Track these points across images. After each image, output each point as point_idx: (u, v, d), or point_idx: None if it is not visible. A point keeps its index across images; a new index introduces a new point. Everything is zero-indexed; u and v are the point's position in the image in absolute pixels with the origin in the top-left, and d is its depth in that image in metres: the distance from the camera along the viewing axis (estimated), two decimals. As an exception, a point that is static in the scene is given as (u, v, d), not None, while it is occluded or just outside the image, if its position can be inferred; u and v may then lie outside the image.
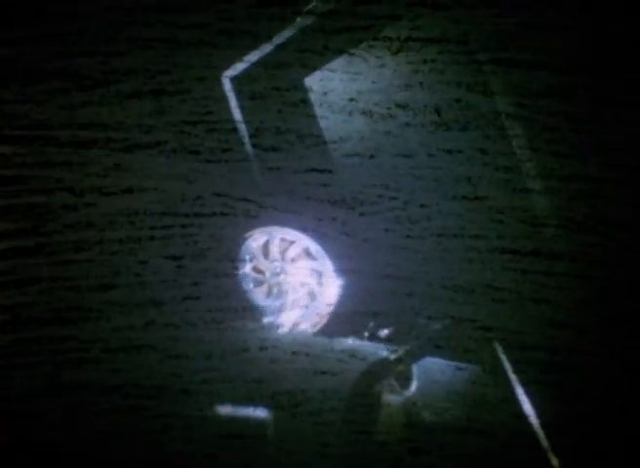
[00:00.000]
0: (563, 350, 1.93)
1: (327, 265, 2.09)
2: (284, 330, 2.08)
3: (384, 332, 2.07)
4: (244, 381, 1.93)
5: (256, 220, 2.10)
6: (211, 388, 1.96)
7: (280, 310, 2.09)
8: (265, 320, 2.09)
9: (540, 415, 1.83)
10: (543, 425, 1.82)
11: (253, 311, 2.07)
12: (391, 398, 2.00)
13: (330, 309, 2.08)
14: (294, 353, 1.97)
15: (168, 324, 2.00)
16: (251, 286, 2.10)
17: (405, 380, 2.01)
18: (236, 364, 1.95)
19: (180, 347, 1.99)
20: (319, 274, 2.08)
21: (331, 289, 2.08)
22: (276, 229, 2.10)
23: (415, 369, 2.02)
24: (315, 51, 2.06)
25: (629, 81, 1.97)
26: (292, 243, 2.12)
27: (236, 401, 1.93)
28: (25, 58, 1.97)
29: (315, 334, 2.07)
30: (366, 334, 2.07)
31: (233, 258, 2.07)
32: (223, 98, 2.11)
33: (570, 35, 1.98)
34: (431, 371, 2.01)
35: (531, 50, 2.01)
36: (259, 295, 2.11)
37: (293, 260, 2.12)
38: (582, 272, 1.97)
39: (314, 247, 2.10)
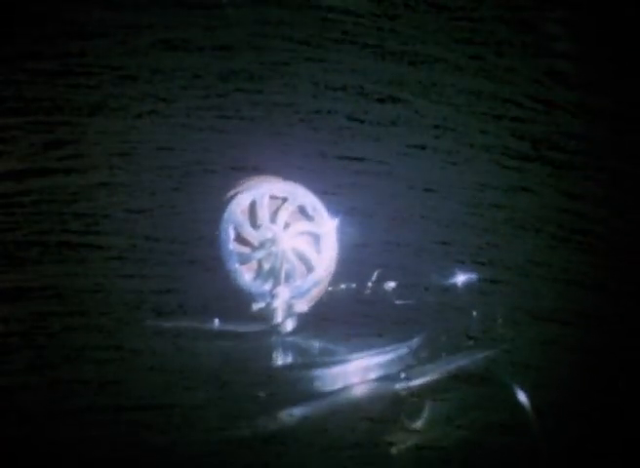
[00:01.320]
0: (561, 350, 1.82)
1: (325, 225, 1.70)
2: (278, 317, 1.67)
3: (391, 285, 1.79)
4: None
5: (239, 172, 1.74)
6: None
7: (273, 293, 1.67)
8: (255, 306, 1.67)
9: (538, 416, 1.69)
10: (542, 425, 1.67)
11: (240, 298, 1.68)
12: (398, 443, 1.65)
13: (329, 279, 1.72)
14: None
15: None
16: (236, 265, 1.65)
17: (415, 414, 1.67)
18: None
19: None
20: (316, 238, 1.69)
21: (330, 254, 1.71)
22: (264, 183, 1.69)
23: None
24: None
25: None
26: (284, 200, 1.69)
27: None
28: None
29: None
30: (369, 285, 1.78)
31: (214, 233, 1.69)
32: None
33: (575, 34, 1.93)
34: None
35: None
36: (246, 276, 1.67)
37: (286, 225, 1.69)
38: (579, 274, 1.88)
39: (310, 202, 1.70)
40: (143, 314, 1.73)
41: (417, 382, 1.65)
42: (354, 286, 1.82)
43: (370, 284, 1.81)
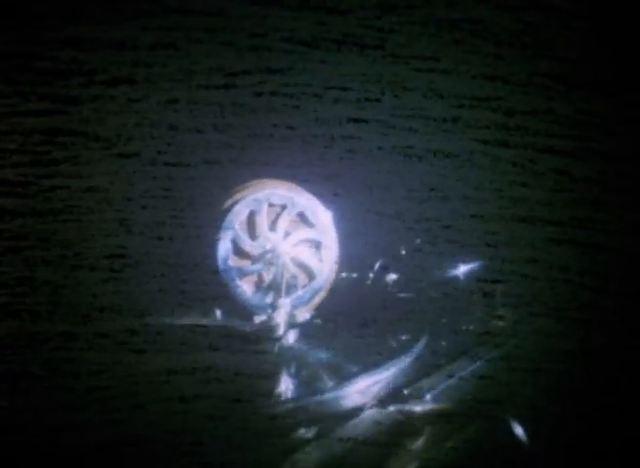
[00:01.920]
0: (561, 348, 1.82)
1: (326, 230, 1.71)
2: (280, 330, 1.66)
3: (392, 277, 1.81)
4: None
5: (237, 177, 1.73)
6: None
7: (275, 305, 1.67)
8: (258, 319, 1.67)
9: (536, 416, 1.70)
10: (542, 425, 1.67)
11: (240, 312, 1.69)
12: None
13: (330, 284, 1.73)
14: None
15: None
16: (236, 280, 1.67)
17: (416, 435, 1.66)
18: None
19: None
20: (317, 246, 1.70)
21: (331, 260, 1.73)
22: (263, 190, 1.69)
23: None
24: None
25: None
26: (283, 208, 1.69)
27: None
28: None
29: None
30: (371, 276, 1.79)
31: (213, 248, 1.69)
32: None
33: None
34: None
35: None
36: (247, 290, 1.68)
37: (286, 234, 1.69)
38: (579, 274, 1.89)
39: (310, 208, 1.70)
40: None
41: (419, 404, 1.66)
42: (356, 286, 1.83)
43: (372, 281, 1.81)
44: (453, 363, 1.74)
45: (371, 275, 1.82)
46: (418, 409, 1.64)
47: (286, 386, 1.62)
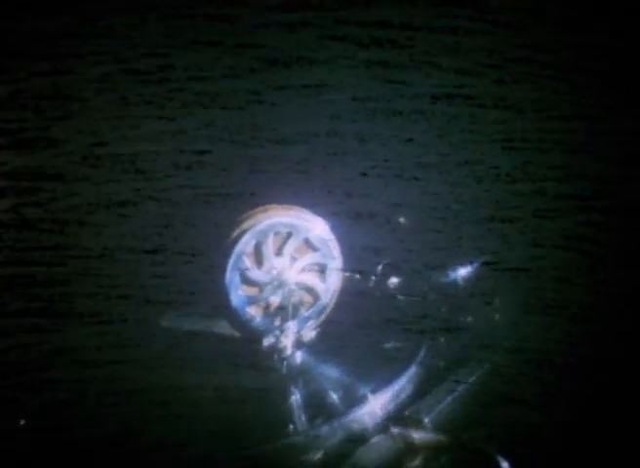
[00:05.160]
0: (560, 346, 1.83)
1: (331, 252, 1.72)
2: (288, 350, 1.69)
3: (394, 281, 1.82)
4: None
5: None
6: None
7: (282, 328, 1.69)
8: (266, 342, 1.69)
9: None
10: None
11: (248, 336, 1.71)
12: None
13: (333, 302, 1.75)
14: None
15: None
16: (246, 308, 1.70)
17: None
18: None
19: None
20: (322, 268, 1.71)
21: (335, 281, 1.74)
22: (268, 219, 1.68)
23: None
24: None
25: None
26: (289, 236, 1.69)
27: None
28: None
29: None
30: (373, 278, 1.80)
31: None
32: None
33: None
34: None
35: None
36: (255, 315, 1.71)
37: (292, 260, 1.71)
38: (579, 274, 1.90)
39: (315, 233, 1.71)
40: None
41: (419, 427, 1.68)
42: (358, 297, 1.85)
43: (373, 288, 1.83)
44: (452, 376, 1.76)
45: (371, 284, 1.84)
46: (418, 432, 1.67)
47: (295, 409, 1.65)
